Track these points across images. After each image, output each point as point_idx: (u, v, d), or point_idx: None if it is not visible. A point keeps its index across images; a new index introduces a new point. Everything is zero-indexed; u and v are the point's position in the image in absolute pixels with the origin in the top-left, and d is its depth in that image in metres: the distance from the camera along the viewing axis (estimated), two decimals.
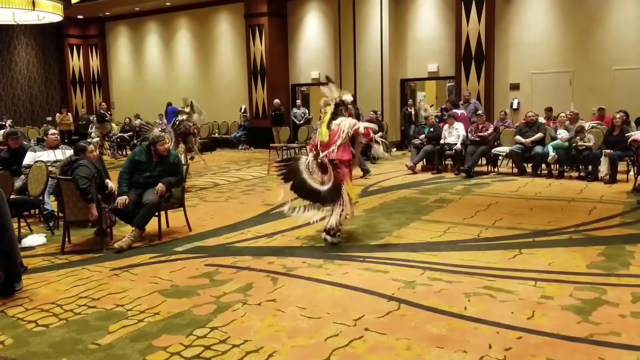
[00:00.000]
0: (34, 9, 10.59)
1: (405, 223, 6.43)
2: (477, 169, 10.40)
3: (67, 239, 5.77)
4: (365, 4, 14.79)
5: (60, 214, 6.05)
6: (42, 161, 6.73)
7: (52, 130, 7.94)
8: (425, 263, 4.87)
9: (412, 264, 4.85)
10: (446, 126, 10.97)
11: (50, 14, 11.57)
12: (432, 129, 11.13)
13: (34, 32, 19.79)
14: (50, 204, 6.67)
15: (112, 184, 6.06)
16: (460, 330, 3.49)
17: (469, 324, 3.58)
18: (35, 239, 5.97)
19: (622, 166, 8.93)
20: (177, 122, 9.71)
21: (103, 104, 16.69)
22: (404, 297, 4.06)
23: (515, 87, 13.60)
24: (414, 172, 10.64)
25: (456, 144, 10.51)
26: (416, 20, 14.86)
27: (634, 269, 4.59)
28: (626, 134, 8.87)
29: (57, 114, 17.61)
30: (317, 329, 3.56)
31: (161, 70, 19.99)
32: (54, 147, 7.37)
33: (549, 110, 11.73)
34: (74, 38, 20.97)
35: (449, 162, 10.97)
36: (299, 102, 16.17)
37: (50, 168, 6.54)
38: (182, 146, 9.57)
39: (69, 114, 17.83)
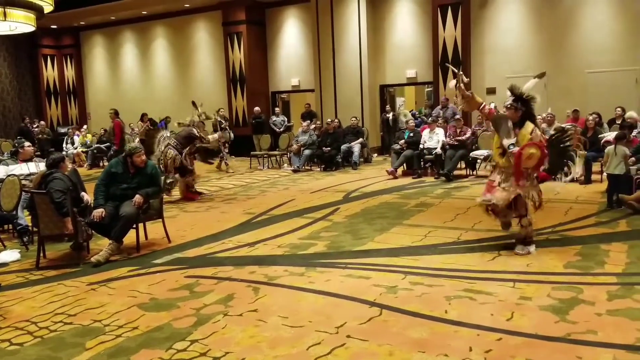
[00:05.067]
0: (5, 20, 10.46)
1: (387, 228, 6.45)
2: (456, 172, 10.49)
3: (42, 254, 5.66)
4: (343, 11, 14.86)
5: (35, 229, 5.94)
6: (15, 175, 6.59)
7: (27, 143, 7.81)
8: (407, 267, 4.89)
9: (394, 269, 4.86)
10: (426, 131, 11.06)
11: (22, 24, 11.43)
12: (412, 134, 11.21)
13: (6, 42, 19.46)
14: (24, 218, 6.54)
15: (87, 196, 5.96)
16: (441, 334, 3.50)
17: (450, 328, 3.60)
18: (9, 255, 5.83)
19: (596, 167, 9.08)
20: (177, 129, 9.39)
21: (222, 109, 13.96)
22: (385, 303, 4.06)
23: (491, 91, 13.74)
24: (395, 177, 10.69)
25: (436, 148, 10.61)
26: (394, 26, 14.98)
27: (609, 268, 4.67)
28: (599, 135, 9.05)
29: (139, 122, 15.21)
30: (299, 338, 3.54)
31: (138, 80, 19.81)
32: (27, 160, 7.24)
33: None
34: (48, 48, 20.67)
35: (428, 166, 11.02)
36: (277, 109, 16.17)
37: (23, 182, 6.42)
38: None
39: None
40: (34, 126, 16.14)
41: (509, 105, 5.24)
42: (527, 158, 4.98)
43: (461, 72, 5.55)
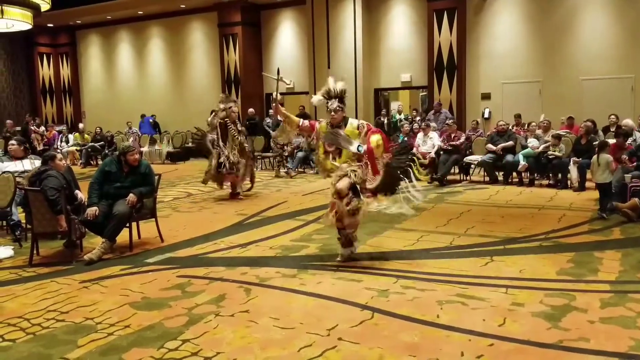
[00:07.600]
0: (2, 17, 10.43)
1: (379, 232, 6.45)
2: (449, 177, 10.52)
3: (35, 251, 5.63)
4: (339, 14, 14.90)
5: (28, 226, 5.91)
6: (9, 172, 6.58)
7: (11, 141, 7.73)
8: (399, 271, 4.89)
9: (386, 273, 4.86)
10: (420, 134, 11.10)
11: (19, 22, 11.40)
12: (406, 138, 11.24)
13: (2, 40, 19.39)
14: (18, 215, 6.51)
15: (81, 194, 5.94)
16: (432, 339, 3.51)
17: (442, 332, 3.60)
18: (2, 252, 5.79)
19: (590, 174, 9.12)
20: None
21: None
22: (377, 306, 4.06)
23: (486, 96, 13.83)
24: None
25: (430, 152, 10.63)
26: (389, 30, 15.03)
27: (602, 275, 4.69)
28: (593, 143, 9.09)
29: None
30: (290, 339, 3.54)
31: (133, 79, 19.77)
32: (20, 158, 7.21)
33: (518, 117, 12.03)
34: (44, 47, 20.61)
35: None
36: (271, 111, 16.15)
37: (17, 179, 6.39)
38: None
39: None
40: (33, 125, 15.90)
41: (337, 108, 5.21)
42: (376, 147, 4.97)
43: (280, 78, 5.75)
